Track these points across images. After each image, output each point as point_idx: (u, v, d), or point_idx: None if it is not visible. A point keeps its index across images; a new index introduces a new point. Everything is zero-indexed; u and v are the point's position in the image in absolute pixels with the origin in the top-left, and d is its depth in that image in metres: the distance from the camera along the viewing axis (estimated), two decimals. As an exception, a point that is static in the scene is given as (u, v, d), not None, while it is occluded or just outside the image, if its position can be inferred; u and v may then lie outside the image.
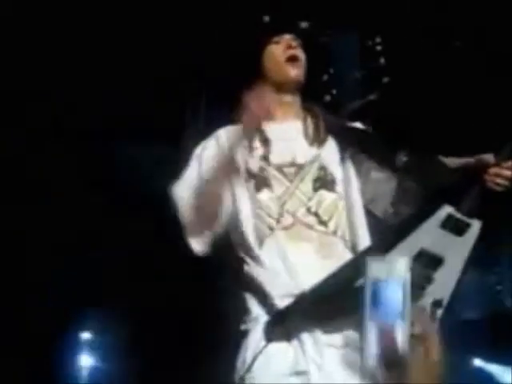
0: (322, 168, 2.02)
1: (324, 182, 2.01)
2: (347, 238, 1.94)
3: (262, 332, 1.85)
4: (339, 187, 2.00)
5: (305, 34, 2.13)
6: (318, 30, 2.27)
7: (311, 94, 2.15)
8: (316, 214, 1.95)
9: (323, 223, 1.94)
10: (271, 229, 1.95)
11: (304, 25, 2.15)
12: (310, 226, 1.94)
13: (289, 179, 1.99)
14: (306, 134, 2.08)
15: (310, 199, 1.97)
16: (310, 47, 2.12)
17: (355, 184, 2.02)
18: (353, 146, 2.06)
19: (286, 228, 1.94)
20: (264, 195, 1.98)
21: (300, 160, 2.02)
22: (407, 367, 0.86)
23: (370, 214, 2.01)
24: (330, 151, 2.06)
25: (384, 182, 1.99)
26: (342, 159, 2.06)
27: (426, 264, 1.77)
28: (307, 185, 1.99)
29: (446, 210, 1.84)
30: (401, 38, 4.06)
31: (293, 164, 2.01)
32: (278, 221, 1.95)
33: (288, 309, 1.82)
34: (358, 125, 2.18)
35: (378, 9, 4.01)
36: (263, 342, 1.82)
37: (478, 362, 4.99)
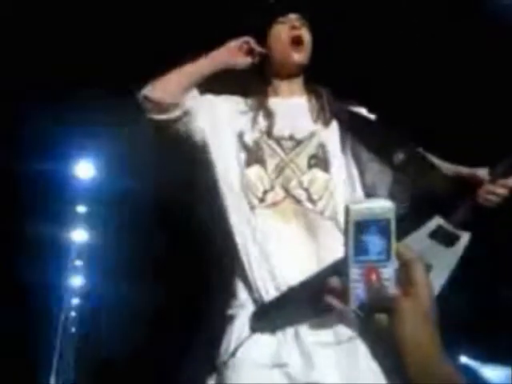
0: (321, 146, 2.00)
1: (320, 160, 1.99)
2: (336, 220, 1.94)
3: (247, 320, 1.84)
4: (334, 169, 1.99)
5: (310, 14, 2.12)
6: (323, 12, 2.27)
7: (315, 76, 2.16)
8: (307, 190, 1.94)
9: (312, 201, 1.93)
10: (254, 207, 1.94)
11: (309, 5, 2.15)
12: (299, 201, 1.92)
13: (285, 152, 1.99)
14: (310, 112, 2.08)
15: (303, 174, 1.97)
16: (315, 28, 2.12)
17: (353, 171, 2.02)
18: (354, 132, 2.06)
19: (274, 203, 1.93)
20: (253, 171, 1.96)
21: (299, 135, 2.01)
22: (395, 308, 0.86)
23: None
24: (332, 132, 2.05)
25: (382, 173, 1.97)
26: (343, 143, 2.06)
27: None
28: (303, 160, 1.98)
29: (437, 221, 1.85)
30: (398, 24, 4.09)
31: (292, 138, 2.01)
32: (264, 198, 1.94)
33: (275, 301, 1.81)
34: (363, 111, 2.17)
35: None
36: (247, 331, 1.81)
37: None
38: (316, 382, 1.73)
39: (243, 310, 1.87)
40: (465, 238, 1.87)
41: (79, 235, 10.60)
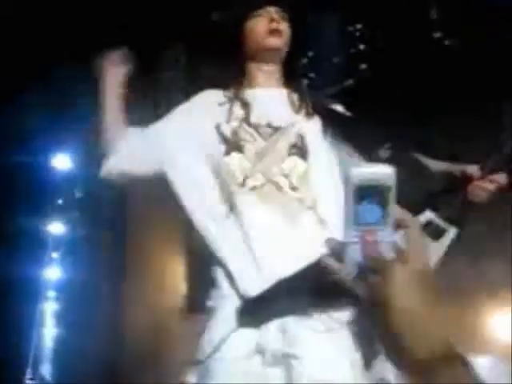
0: (300, 136, 2.02)
1: (299, 149, 2.00)
2: (314, 209, 1.94)
3: (231, 313, 1.85)
4: (312, 159, 2.00)
5: (289, 7, 2.13)
6: (302, 5, 2.28)
7: (291, 73, 2.16)
8: (287, 177, 1.95)
9: (293, 188, 1.94)
10: (234, 193, 1.94)
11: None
12: (279, 187, 1.93)
13: (264, 139, 2.00)
14: (290, 104, 2.09)
15: (283, 161, 1.97)
16: (294, 21, 2.13)
17: (334, 166, 2.03)
18: (335, 127, 2.07)
19: (254, 188, 1.92)
20: (232, 159, 1.97)
21: (277, 123, 2.02)
22: (392, 273, 0.88)
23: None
24: (312, 125, 2.06)
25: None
26: (324, 137, 2.07)
27: None
28: (282, 147, 1.99)
29: (428, 215, 1.88)
30: (381, 25, 4.09)
31: (269, 125, 2.02)
32: (244, 184, 1.94)
33: (261, 296, 1.83)
34: (342, 109, 2.19)
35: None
36: (232, 325, 1.83)
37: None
38: (292, 354, 1.75)
39: (225, 301, 1.89)
40: (451, 233, 1.89)
41: (56, 228, 10.51)
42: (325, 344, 1.82)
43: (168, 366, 6.01)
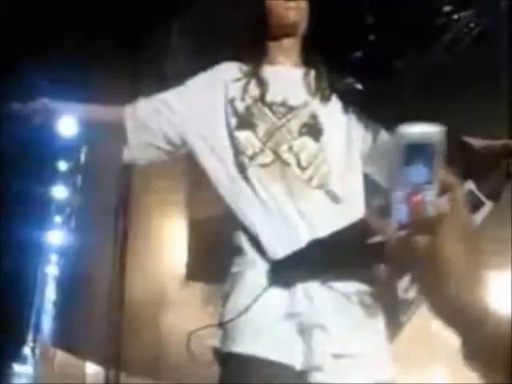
0: (313, 116, 2.02)
1: (311, 129, 2.01)
2: (324, 189, 1.96)
3: (258, 278, 1.86)
4: (325, 139, 2.01)
5: None
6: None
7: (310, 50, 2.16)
8: (296, 155, 1.97)
9: (301, 167, 1.96)
10: (246, 166, 1.97)
11: None
12: (288, 165, 1.94)
13: (277, 117, 2.02)
14: (307, 84, 2.10)
15: (294, 140, 1.99)
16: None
17: (354, 144, 2.05)
18: (357, 106, 2.07)
19: (263, 165, 1.96)
20: (243, 135, 1.99)
21: (292, 102, 2.03)
22: (438, 232, 0.89)
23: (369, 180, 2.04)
24: (329, 106, 2.07)
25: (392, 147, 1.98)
26: (344, 115, 2.08)
27: None
28: (294, 126, 1.99)
29: (469, 185, 1.86)
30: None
31: (284, 104, 2.03)
32: (254, 158, 1.97)
33: (291, 257, 1.83)
34: (362, 87, 2.18)
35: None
36: (259, 288, 1.83)
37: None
38: (318, 323, 1.78)
39: (251, 266, 1.90)
40: (488, 206, 1.89)
41: (59, 192, 10.58)
42: (349, 314, 1.85)
43: (167, 330, 6.08)
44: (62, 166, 9.50)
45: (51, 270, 14.71)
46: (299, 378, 1.77)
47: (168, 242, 6.55)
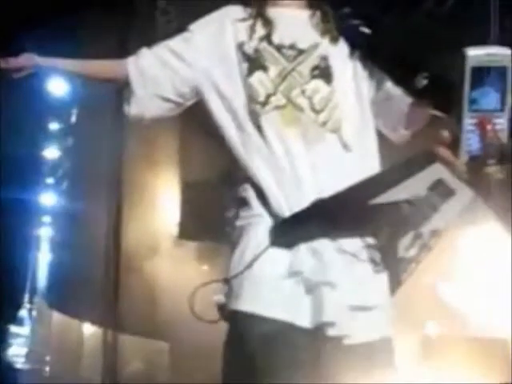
0: (323, 58, 1.97)
1: (322, 72, 1.96)
2: (338, 133, 1.93)
3: (263, 233, 1.82)
4: (336, 82, 1.97)
5: None
6: None
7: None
8: (310, 99, 1.93)
9: (315, 111, 1.92)
10: (258, 114, 1.92)
11: None
12: (301, 109, 1.89)
13: (287, 60, 1.97)
14: (314, 26, 2.04)
15: (306, 83, 1.95)
16: None
17: (362, 90, 2.00)
18: (364, 51, 2.02)
19: (277, 108, 1.90)
20: (255, 78, 1.94)
21: (301, 45, 1.97)
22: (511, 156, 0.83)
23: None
24: (338, 48, 2.01)
25: (398, 98, 1.91)
26: (352, 61, 2.03)
27: (439, 193, 1.78)
28: (305, 69, 1.94)
29: None
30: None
31: (293, 47, 1.98)
32: (266, 102, 1.92)
33: (296, 216, 1.79)
34: (369, 31, 2.12)
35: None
36: (264, 244, 1.80)
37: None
38: (327, 281, 1.76)
39: (258, 221, 1.86)
40: None
41: (51, 153, 10.51)
42: (356, 269, 1.84)
43: (163, 289, 6.11)
44: (53, 126, 9.41)
45: (45, 231, 14.71)
46: (306, 335, 1.76)
47: (162, 201, 6.55)
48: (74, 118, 8.75)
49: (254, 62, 1.95)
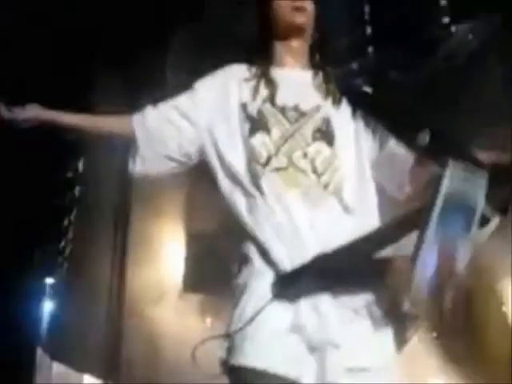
0: (326, 120, 1.98)
1: (324, 134, 1.97)
2: (339, 196, 1.93)
3: (264, 289, 1.83)
4: (338, 145, 1.98)
5: None
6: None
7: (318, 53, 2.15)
8: (312, 162, 1.94)
9: (317, 173, 1.93)
10: (259, 175, 1.93)
11: None
12: (303, 171, 1.90)
13: (290, 122, 1.98)
14: (317, 88, 2.07)
15: (308, 145, 1.96)
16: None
17: (363, 152, 2.02)
18: (366, 111, 2.04)
19: (278, 169, 1.91)
20: (257, 139, 1.96)
21: (304, 107, 1.99)
22: (462, 292, 0.83)
23: (380, 190, 1.99)
24: (340, 110, 2.03)
25: (402, 157, 1.94)
26: (353, 120, 2.04)
27: None
28: (307, 132, 1.96)
29: None
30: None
31: (296, 109, 1.99)
32: (268, 163, 1.93)
33: (295, 271, 1.80)
34: (371, 91, 2.15)
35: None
36: (265, 299, 1.80)
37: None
38: (329, 340, 1.76)
39: (258, 277, 1.87)
40: (495, 221, 1.84)
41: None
42: (359, 327, 1.83)
43: (166, 342, 6.07)
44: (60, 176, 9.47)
45: (50, 279, 14.61)
46: None
47: (166, 254, 6.55)
48: (80, 168, 8.81)
49: (257, 123, 1.97)
